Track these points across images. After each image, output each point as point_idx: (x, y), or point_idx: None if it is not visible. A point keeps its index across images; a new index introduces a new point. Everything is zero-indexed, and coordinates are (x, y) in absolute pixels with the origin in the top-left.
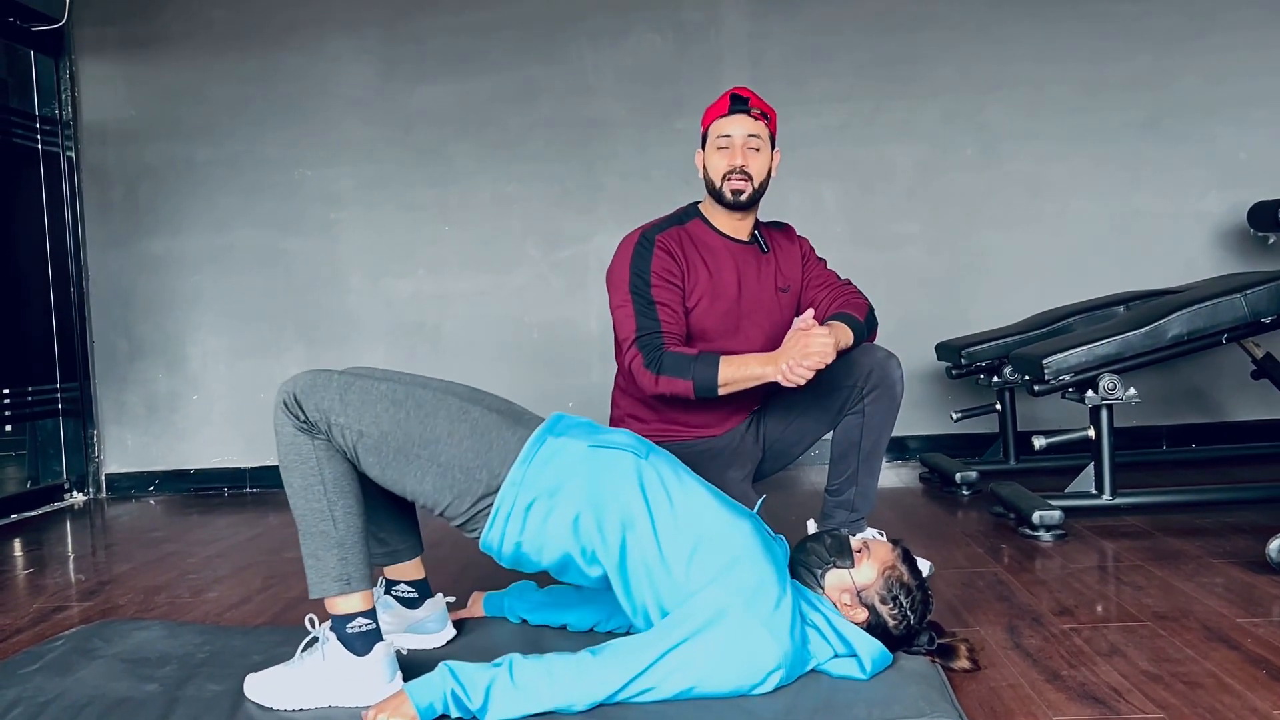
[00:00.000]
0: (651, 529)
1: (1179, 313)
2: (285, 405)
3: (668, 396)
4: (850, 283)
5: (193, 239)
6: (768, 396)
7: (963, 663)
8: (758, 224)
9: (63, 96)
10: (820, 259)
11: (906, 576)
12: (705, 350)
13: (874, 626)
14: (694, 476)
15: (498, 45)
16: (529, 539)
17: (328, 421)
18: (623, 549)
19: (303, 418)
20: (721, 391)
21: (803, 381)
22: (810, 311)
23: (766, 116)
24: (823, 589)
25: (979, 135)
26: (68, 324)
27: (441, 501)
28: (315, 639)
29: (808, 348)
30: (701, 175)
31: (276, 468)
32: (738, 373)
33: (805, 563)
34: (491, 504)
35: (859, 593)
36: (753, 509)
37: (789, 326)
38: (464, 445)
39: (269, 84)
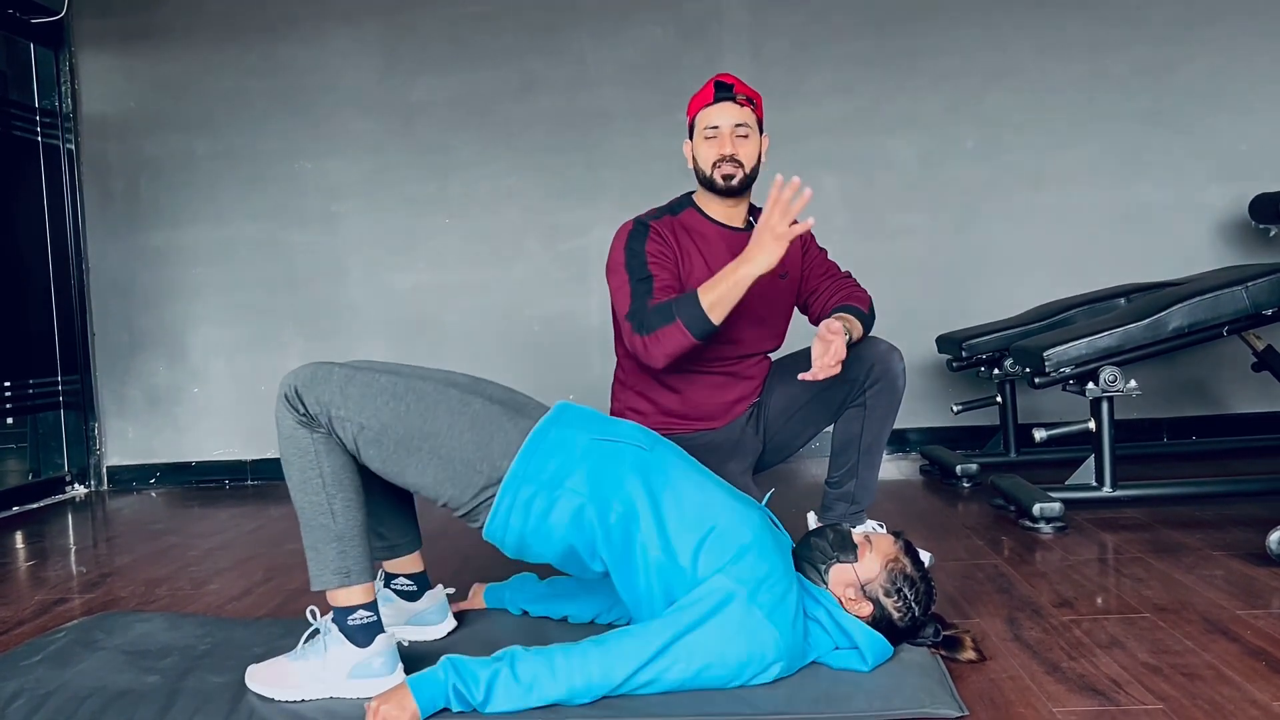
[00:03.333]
0: (655, 522)
1: (1180, 305)
2: (286, 398)
3: (674, 356)
4: (850, 275)
5: (193, 231)
6: (770, 390)
7: (968, 654)
8: (753, 210)
9: (62, 89)
10: (821, 249)
11: (909, 569)
12: (709, 343)
13: (879, 620)
14: (702, 469)
15: (498, 37)
16: (531, 531)
17: (328, 415)
18: (626, 542)
19: (303, 410)
20: (715, 317)
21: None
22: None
23: (753, 102)
24: (826, 584)
25: (980, 127)
26: (68, 317)
27: (443, 494)
28: (317, 631)
29: (828, 349)
30: (691, 166)
31: (278, 460)
32: (717, 289)
33: (808, 557)
34: (493, 496)
35: (863, 587)
36: (760, 502)
37: (788, 312)
38: (465, 438)
39: (269, 76)
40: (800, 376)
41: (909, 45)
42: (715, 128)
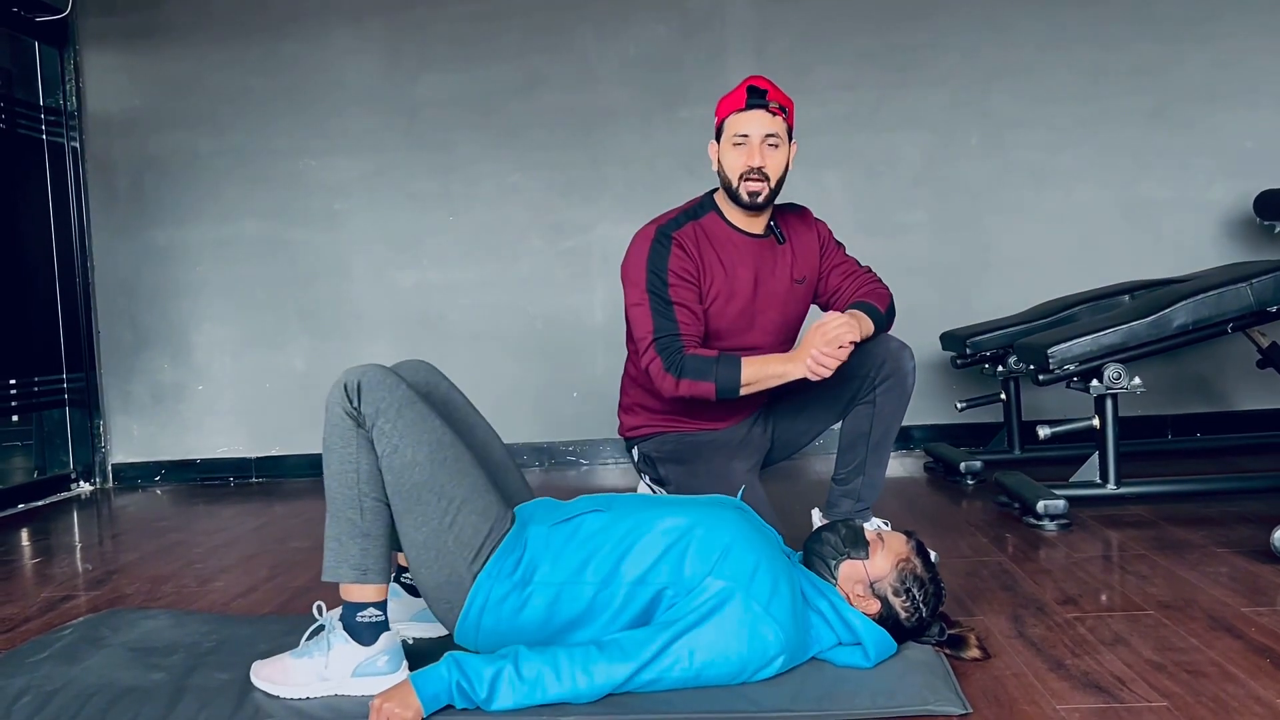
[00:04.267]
0: (635, 564)
1: (1184, 302)
2: (345, 388)
3: (686, 399)
4: (870, 270)
5: (197, 229)
6: (778, 387)
7: (973, 652)
8: (775, 213)
9: (67, 87)
10: (839, 244)
11: (920, 569)
12: (724, 350)
13: (886, 618)
14: (666, 499)
15: (501, 34)
16: (505, 629)
17: (374, 421)
18: (609, 601)
19: (355, 405)
20: (744, 392)
21: (829, 371)
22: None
23: (785, 110)
24: (835, 579)
25: (984, 123)
26: (73, 314)
27: (423, 558)
28: (322, 627)
29: (826, 334)
30: (715, 169)
31: (282, 458)
32: (760, 372)
33: (819, 553)
34: (468, 589)
35: (872, 584)
36: (735, 496)
37: (804, 318)
38: (470, 520)
39: (272, 74)
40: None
41: (912, 42)
42: (745, 136)
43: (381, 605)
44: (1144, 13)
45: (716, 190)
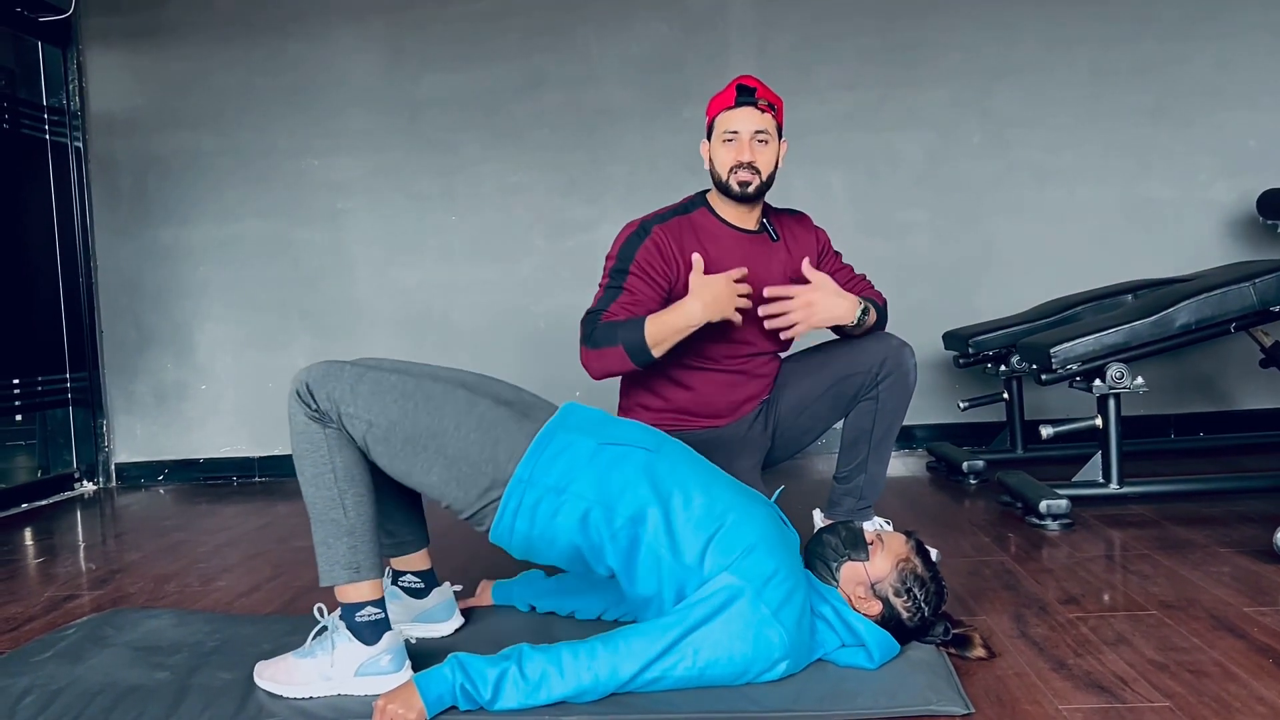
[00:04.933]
0: (663, 524)
1: (1187, 301)
2: (298, 394)
3: (612, 375)
4: (864, 277)
5: (200, 229)
6: (781, 386)
7: (978, 651)
8: (767, 211)
9: (70, 87)
10: (836, 252)
11: (920, 568)
12: (715, 347)
13: (888, 619)
14: (710, 468)
15: (503, 34)
16: (538, 535)
17: (338, 411)
18: (632, 546)
19: (314, 406)
20: (657, 352)
21: (792, 321)
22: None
23: (774, 107)
24: (837, 582)
25: (986, 122)
26: (77, 314)
27: (448, 494)
28: (324, 628)
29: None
30: (707, 167)
31: (285, 457)
32: (663, 330)
33: (820, 555)
34: (498, 499)
35: (873, 585)
36: (770, 498)
37: None
38: (471, 439)
39: (275, 73)
40: (764, 311)
41: (914, 41)
42: (735, 133)
43: (379, 603)
44: (1145, 11)
45: (709, 190)
